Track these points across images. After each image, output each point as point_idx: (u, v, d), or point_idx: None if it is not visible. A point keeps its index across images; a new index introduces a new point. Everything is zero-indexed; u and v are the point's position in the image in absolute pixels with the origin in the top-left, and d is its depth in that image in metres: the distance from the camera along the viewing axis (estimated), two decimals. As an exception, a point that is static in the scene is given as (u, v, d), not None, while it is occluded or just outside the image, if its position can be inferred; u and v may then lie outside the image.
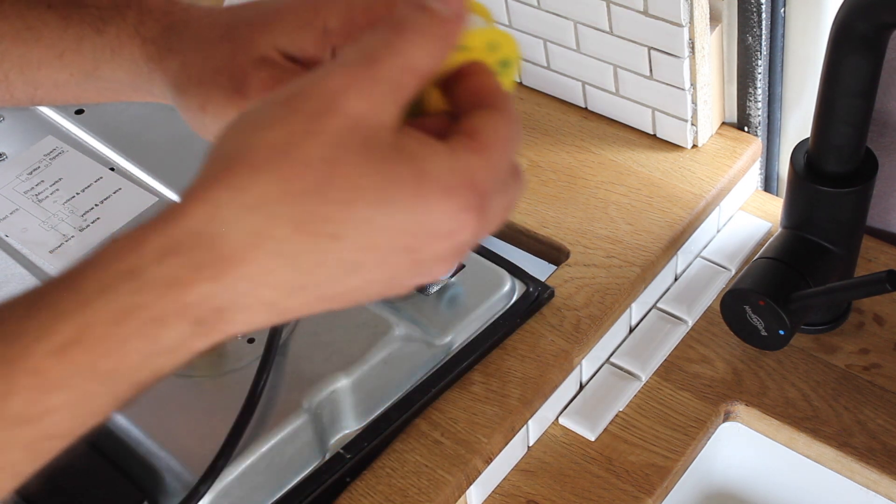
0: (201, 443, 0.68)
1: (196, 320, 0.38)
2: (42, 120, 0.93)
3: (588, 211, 0.89)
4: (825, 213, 0.79)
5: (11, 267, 0.81)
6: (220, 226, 0.37)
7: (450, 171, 0.38)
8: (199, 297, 0.37)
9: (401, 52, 0.39)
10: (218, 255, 0.37)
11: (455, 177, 0.38)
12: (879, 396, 0.80)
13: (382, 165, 0.37)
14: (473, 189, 0.38)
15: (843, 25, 0.69)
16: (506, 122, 0.41)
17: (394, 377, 0.76)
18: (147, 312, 0.37)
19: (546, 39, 0.93)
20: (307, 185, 0.37)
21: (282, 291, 0.38)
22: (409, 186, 0.37)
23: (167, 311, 0.37)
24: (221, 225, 0.37)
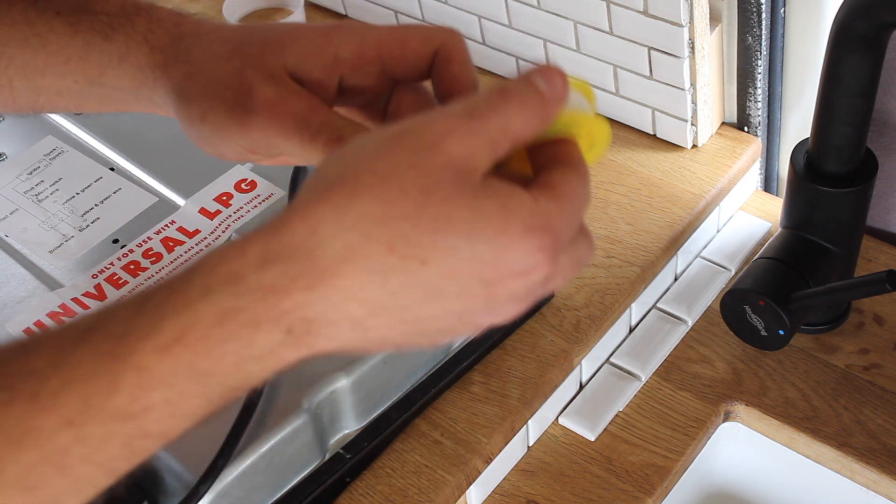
0: (201, 443, 0.68)
1: (288, 328, 0.40)
2: (42, 120, 0.93)
3: (588, 211, 0.89)
4: (825, 213, 0.79)
5: (11, 267, 0.81)
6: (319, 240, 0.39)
7: (531, 213, 0.41)
8: (294, 305, 0.40)
9: (502, 114, 0.42)
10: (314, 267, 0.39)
11: (535, 218, 0.41)
12: (879, 396, 0.80)
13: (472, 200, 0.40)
14: (550, 232, 0.41)
15: (843, 25, 0.69)
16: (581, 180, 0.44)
17: (394, 377, 0.76)
18: (245, 315, 0.39)
19: (546, 39, 0.94)
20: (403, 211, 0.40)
21: (368, 308, 0.41)
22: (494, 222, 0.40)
23: (263, 316, 0.40)
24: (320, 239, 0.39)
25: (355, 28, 0.52)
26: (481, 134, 0.41)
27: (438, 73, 0.51)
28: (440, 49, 0.51)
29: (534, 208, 0.41)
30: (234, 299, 0.39)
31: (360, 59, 0.51)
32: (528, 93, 0.43)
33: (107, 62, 0.55)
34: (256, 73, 0.50)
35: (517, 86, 0.43)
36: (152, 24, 0.54)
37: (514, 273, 0.41)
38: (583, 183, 0.44)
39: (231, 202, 0.83)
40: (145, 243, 0.81)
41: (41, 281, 0.80)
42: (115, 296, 0.78)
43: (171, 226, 0.82)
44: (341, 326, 0.41)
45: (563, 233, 0.42)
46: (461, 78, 0.50)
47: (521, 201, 0.41)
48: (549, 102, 0.44)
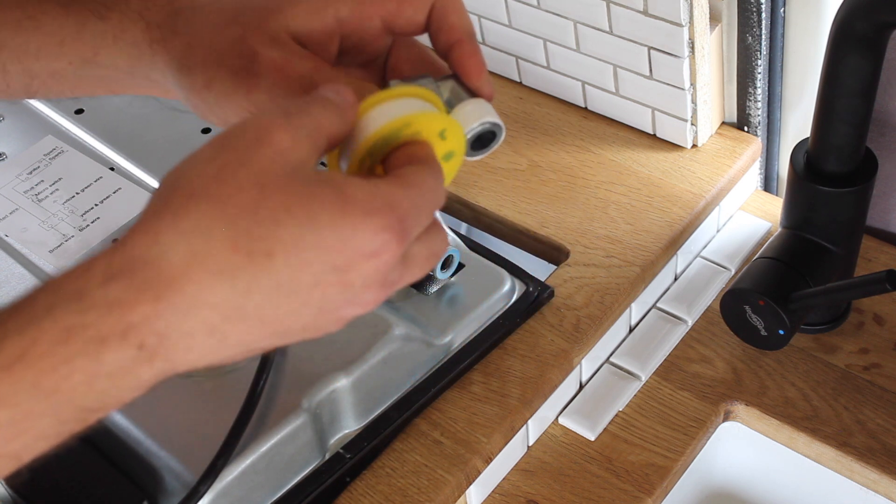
0: (201, 443, 0.68)
1: (139, 343, 0.39)
2: (42, 120, 0.93)
3: (588, 211, 0.89)
4: (825, 213, 0.79)
5: (11, 267, 0.81)
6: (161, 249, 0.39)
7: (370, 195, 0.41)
8: (141, 318, 0.39)
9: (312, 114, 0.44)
10: (159, 276, 0.39)
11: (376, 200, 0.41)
12: (879, 396, 0.80)
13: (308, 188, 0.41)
14: (393, 212, 0.41)
15: (843, 25, 0.69)
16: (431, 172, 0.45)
17: (393, 377, 0.76)
18: (90, 331, 0.39)
19: (546, 39, 0.94)
20: (240, 208, 0.39)
21: (221, 312, 0.40)
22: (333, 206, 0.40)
23: (110, 331, 0.39)
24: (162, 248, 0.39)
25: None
26: (300, 128, 0.42)
27: (436, 25, 0.51)
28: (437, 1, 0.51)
29: (372, 190, 0.42)
30: (78, 316, 0.39)
31: (359, 18, 0.52)
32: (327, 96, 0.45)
33: (101, 41, 0.55)
34: (258, 38, 0.51)
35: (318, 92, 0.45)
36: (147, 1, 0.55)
37: (363, 255, 0.41)
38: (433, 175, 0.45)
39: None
40: (145, 243, 0.81)
41: (41, 281, 0.80)
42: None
43: (171, 226, 0.82)
44: (196, 336, 0.40)
45: (408, 214, 0.42)
46: (458, 27, 0.51)
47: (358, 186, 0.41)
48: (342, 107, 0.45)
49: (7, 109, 0.94)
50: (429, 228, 0.45)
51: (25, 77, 0.57)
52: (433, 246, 0.45)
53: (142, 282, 0.39)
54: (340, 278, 0.41)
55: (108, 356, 0.39)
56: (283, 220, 0.40)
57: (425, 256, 0.45)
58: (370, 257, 0.41)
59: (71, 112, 0.93)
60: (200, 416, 0.71)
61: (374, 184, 0.42)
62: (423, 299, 0.78)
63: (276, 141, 0.41)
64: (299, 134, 0.42)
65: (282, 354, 0.73)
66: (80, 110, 0.94)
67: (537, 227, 0.89)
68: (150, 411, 0.71)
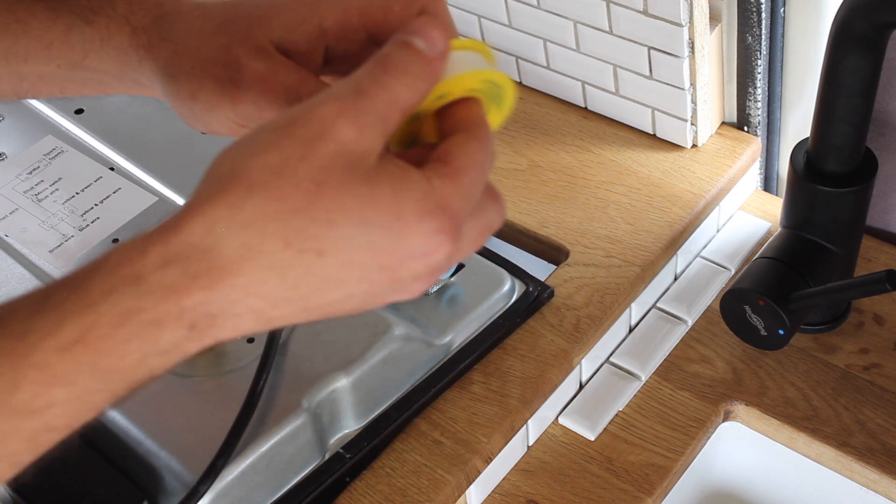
0: (201, 443, 0.68)
1: (190, 325, 0.41)
2: (42, 120, 0.93)
3: (588, 211, 0.89)
4: (825, 212, 0.79)
5: (11, 267, 0.81)
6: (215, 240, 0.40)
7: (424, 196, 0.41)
8: (195, 303, 0.40)
9: (385, 86, 0.42)
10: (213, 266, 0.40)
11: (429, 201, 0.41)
12: (879, 396, 0.80)
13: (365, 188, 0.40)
14: (446, 212, 0.41)
15: (843, 25, 0.69)
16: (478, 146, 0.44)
17: (393, 377, 0.76)
18: (147, 315, 0.40)
19: (546, 39, 0.94)
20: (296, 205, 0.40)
21: (269, 301, 0.41)
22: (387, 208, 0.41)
23: (165, 315, 0.40)
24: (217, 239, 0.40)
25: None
26: (369, 112, 0.41)
27: None
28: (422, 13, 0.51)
29: (427, 190, 0.41)
30: (135, 300, 0.40)
31: (344, 28, 0.51)
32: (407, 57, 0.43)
33: (89, 46, 0.55)
34: (243, 47, 0.51)
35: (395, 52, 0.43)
36: (133, 6, 0.55)
37: (413, 256, 0.42)
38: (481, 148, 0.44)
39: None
40: (145, 243, 0.81)
41: (41, 281, 0.80)
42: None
43: (170, 226, 0.82)
44: (244, 318, 0.42)
45: (460, 209, 0.42)
46: None
47: (415, 184, 0.41)
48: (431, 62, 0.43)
49: (7, 109, 0.94)
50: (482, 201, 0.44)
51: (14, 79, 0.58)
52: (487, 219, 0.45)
53: (196, 270, 0.40)
54: (389, 275, 0.42)
55: (164, 337, 0.40)
56: (337, 221, 0.40)
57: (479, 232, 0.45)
58: (421, 258, 0.42)
59: (71, 112, 0.93)
60: (200, 416, 0.71)
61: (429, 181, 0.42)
62: (423, 299, 0.79)
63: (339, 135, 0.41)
64: (367, 120, 0.41)
65: (282, 354, 0.73)
66: (80, 110, 0.94)
67: (537, 226, 0.89)
68: (150, 411, 0.71)
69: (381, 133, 0.42)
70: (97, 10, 0.55)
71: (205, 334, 0.41)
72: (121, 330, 0.40)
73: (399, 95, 0.42)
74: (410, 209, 0.41)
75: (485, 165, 0.44)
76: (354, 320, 0.76)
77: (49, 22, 0.55)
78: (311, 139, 0.41)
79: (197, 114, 0.53)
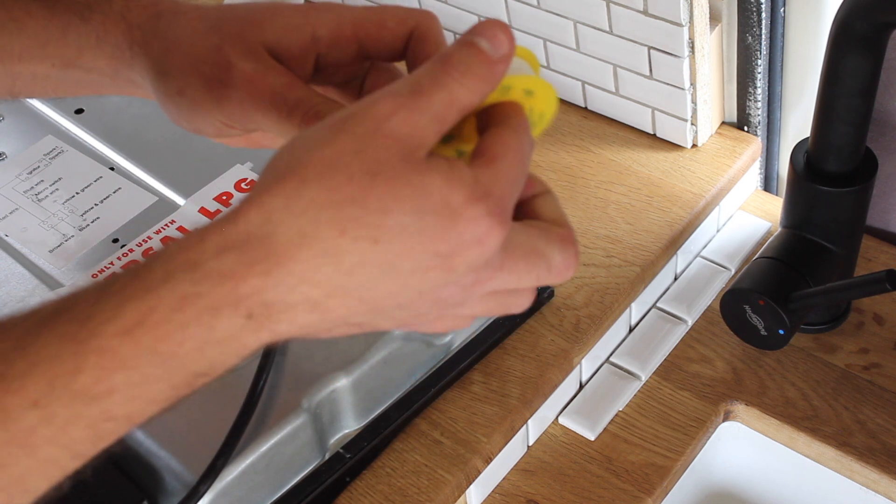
0: (201, 442, 0.68)
1: (247, 313, 0.41)
2: (42, 120, 0.93)
3: (588, 210, 0.89)
4: (825, 212, 0.79)
5: (11, 266, 0.81)
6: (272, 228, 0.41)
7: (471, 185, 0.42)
8: (251, 290, 0.41)
9: (445, 86, 0.43)
10: (269, 253, 0.41)
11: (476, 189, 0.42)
12: (879, 396, 0.80)
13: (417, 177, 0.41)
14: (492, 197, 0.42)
15: (843, 25, 0.69)
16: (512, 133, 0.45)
17: (393, 377, 0.76)
18: (204, 301, 0.41)
19: (546, 39, 0.94)
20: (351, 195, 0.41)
21: (324, 290, 0.42)
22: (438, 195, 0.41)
23: (222, 301, 0.41)
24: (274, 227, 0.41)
25: (333, 7, 0.52)
26: (425, 111, 0.42)
27: (413, 53, 0.51)
28: (415, 30, 0.51)
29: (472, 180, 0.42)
30: (192, 285, 0.41)
31: (337, 38, 0.52)
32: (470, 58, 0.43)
33: (84, 43, 0.55)
34: (234, 48, 0.51)
35: (459, 52, 0.43)
36: (129, 3, 0.55)
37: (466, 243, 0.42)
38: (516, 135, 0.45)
39: (231, 202, 0.83)
40: (145, 243, 0.81)
41: (41, 280, 0.80)
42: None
43: (170, 225, 0.82)
44: (299, 309, 0.42)
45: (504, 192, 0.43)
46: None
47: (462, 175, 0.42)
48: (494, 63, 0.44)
49: (7, 109, 0.94)
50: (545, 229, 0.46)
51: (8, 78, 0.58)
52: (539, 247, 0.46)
53: (253, 257, 0.41)
54: (443, 263, 0.42)
55: (220, 324, 0.41)
56: (391, 209, 0.41)
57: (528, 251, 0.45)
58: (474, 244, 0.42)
59: (71, 112, 0.93)
60: (200, 416, 0.71)
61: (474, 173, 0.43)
62: (423, 299, 0.78)
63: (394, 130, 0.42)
64: (423, 119, 0.42)
65: (282, 354, 0.73)
66: (80, 110, 0.94)
67: (537, 226, 0.88)
68: (150, 411, 0.71)
69: (435, 132, 0.43)
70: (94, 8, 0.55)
71: (261, 325, 0.42)
72: (179, 315, 0.40)
73: (457, 96, 0.43)
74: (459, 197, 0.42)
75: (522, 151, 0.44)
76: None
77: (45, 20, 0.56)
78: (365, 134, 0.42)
79: (183, 111, 0.53)
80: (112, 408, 0.41)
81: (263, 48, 0.51)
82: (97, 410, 0.41)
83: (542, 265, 0.46)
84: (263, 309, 0.41)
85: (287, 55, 0.52)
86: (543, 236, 0.46)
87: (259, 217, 0.41)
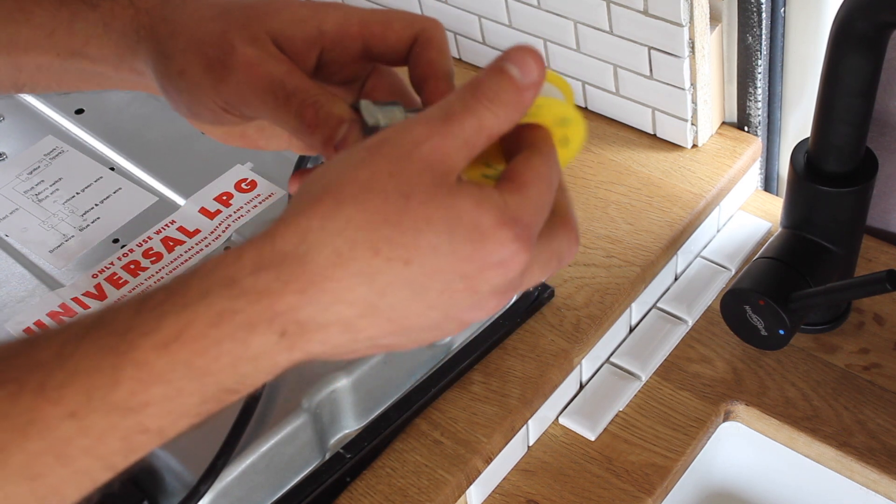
0: (201, 443, 0.68)
1: (281, 331, 0.42)
2: (42, 120, 0.93)
3: (588, 211, 0.89)
4: (825, 212, 0.79)
5: (11, 267, 0.81)
6: (308, 247, 0.42)
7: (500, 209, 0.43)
8: (286, 308, 0.42)
9: (475, 113, 0.44)
10: (305, 272, 0.42)
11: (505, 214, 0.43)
12: (879, 396, 0.80)
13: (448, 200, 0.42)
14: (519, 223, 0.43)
15: (843, 25, 0.69)
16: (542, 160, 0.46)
17: (394, 377, 0.76)
18: (240, 317, 0.41)
19: (546, 39, 0.94)
20: (385, 217, 0.42)
21: (357, 309, 0.43)
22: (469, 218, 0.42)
23: (257, 318, 0.41)
24: (310, 247, 0.42)
25: (341, 5, 0.53)
26: (456, 136, 0.43)
27: (416, 57, 0.52)
28: (420, 35, 0.52)
29: (502, 204, 0.43)
30: (229, 301, 0.41)
31: (342, 35, 0.52)
32: (500, 85, 0.44)
33: (91, 32, 0.56)
34: (239, 35, 0.51)
35: (489, 79, 0.44)
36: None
37: (491, 265, 0.43)
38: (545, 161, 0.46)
39: (231, 202, 0.83)
40: (145, 243, 0.81)
41: (41, 281, 0.80)
42: (115, 295, 0.78)
43: (171, 225, 0.82)
44: (332, 329, 0.43)
45: (532, 220, 0.44)
46: (436, 64, 0.52)
47: (492, 199, 0.43)
48: (524, 91, 0.44)
49: (7, 109, 0.94)
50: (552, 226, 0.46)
51: (13, 71, 0.58)
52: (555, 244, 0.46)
53: (289, 275, 0.41)
54: (468, 285, 0.43)
55: (255, 341, 0.42)
56: (424, 230, 0.42)
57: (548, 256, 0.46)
58: (498, 266, 0.43)
59: (71, 112, 0.93)
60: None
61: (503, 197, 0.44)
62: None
63: (427, 155, 0.43)
64: (454, 144, 0.43)
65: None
66: (81, 110, 0.94)
67: (537, 227, 0.88)
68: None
69: (465, 157, 0.44)
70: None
71: (294, 344, 0.42)
72: (215, 330, 0.41)
73: (486, 122, 0.44)
74: (488, 220, 0.43)
75: (551, 178, 0.46)
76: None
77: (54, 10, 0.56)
78: (399, 157, 0.43)
79: (183, 93, 0.53)
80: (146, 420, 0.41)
81: (268, 37, 0.52)
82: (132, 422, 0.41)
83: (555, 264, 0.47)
84: (297, 327, 0.42)
85: (291, 46, 0.52)
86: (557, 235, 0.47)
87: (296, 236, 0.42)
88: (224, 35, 0.51)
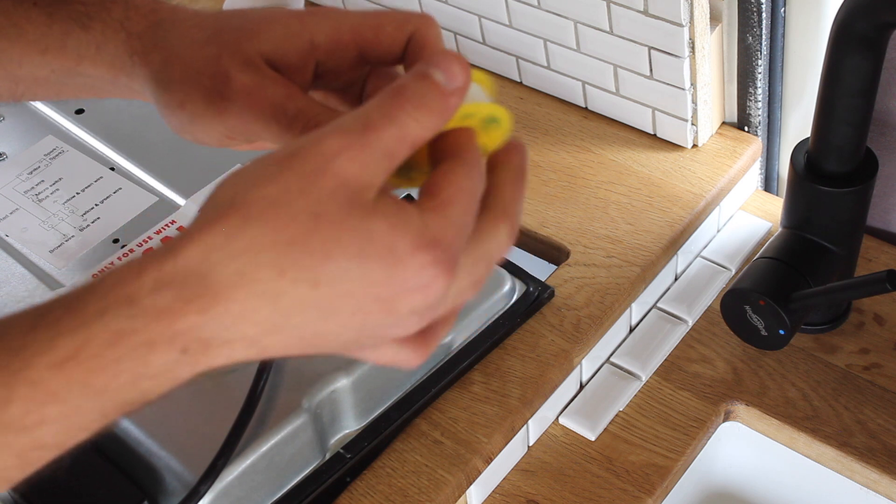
0: (201, 443, 0.68)
1: (182, 348, 0.41)
2: (42, 120, 0.93)
3: (588, 211, 0.89)
4: (825, 212, 0.79)
5: (11, 267, 0.81)
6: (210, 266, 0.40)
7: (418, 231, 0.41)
8: (187, 327, 0.40)
9: (396, 121, 0.42)
10: (207, 291, 0.40)
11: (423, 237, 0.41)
12: (879, 396, 0.80)
13: (361, 222, 0.40)
14: (438, 246, 0.41)
15: (843, 25, 0.69)
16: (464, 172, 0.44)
17: (394, 377, 0.76)
18: (139, 336, 0.40)
19: (546, 39, 0.94)
20: (293, 237, 0.40)
21: (262, 329, 0.41)
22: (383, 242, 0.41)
23: (157, 337, 0.40)
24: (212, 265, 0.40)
25: (330, 13, 0.52)
26: (375, 148, 0.41)
27: (411, 57, 0.51)
28: (414, 34, 0.51)
29: (420, 225, 0.41)
30: (128, 321, 0.40)
31: (335, 44, 0.51)
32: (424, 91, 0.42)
33: (84, 51, 0.55)
34: (233, 59, 0.51)
35: (412, 84, 0.42)
36: (129, 12, 0.55)
37: (409, 290, 0.41)
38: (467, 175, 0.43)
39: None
40: (145, 243, 0.81)
41: (41, 281, 0.80)
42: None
43: (171, 226, 0.82)
44: (237, 345, 0.42)
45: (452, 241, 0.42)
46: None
47: (409, 219, 0.41)
48: (449, 95, 0.43)
49: (7, 109, 0.94)
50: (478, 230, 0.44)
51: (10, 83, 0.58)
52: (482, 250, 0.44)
53: (190, 294, 0.40)
54: (384, 307, 0.42)
55: (155, 359, 0.40)
56: (333, 253, 0.40)
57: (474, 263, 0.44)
58: (417, 291, 0.42)
59: (71, 112, 0.93)
60: (200, 416, 0.71)
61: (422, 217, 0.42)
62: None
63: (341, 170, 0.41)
64: (372, 156, 0.41)
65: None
66: (81, 110, 0.94)
67: (537, 227, 0.89)
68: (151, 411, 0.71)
69: (385, 169, 0.42)
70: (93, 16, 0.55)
71: (197, 360, 0.41)
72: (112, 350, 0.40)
73: (409, 131, 0.42)
74: (404, 244, 0.41)
75: (473, 192, 0.43)
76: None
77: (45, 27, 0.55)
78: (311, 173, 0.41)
79: (185, 124, 0.53)
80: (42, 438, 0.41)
81: (261, 58, 0.51)
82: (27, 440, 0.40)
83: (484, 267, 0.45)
84: (199, 345, 0.41)
85: (286, 63, 0.51)
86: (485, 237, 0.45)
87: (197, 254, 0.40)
88: (218, 61, 0.51)
